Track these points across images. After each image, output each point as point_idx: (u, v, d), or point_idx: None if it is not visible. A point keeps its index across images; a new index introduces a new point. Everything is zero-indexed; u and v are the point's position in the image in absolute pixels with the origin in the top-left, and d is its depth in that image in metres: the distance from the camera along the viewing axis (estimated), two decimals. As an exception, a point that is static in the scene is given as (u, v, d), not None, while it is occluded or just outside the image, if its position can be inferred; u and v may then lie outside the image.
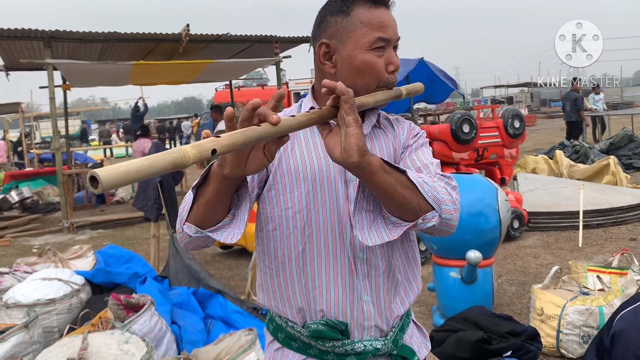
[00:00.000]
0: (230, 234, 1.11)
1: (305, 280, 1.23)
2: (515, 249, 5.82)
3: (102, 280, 4.09)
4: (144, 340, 2.88)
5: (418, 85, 1.35)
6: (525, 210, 6.36)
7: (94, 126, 34.46)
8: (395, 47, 1.27)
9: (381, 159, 1.07)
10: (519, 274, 4.95)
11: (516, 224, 6.13)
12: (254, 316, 3.86)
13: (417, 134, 1.33)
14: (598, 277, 3.59)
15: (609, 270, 3.85)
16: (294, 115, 1.01)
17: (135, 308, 3.32)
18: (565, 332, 3.21)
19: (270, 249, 1.26)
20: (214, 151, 0.85)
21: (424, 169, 1.22)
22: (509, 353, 2.39)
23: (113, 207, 10.23)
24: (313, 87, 1.34)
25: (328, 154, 1.06)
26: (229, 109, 1.05)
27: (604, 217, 6.46)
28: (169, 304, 3.82)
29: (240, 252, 6.45)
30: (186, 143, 27.19)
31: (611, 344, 2.23)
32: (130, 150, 20.71)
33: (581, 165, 8.71)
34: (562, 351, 3.22)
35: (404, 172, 1.09)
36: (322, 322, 1.21)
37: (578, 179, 7.97)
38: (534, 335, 2.68)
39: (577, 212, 6.11)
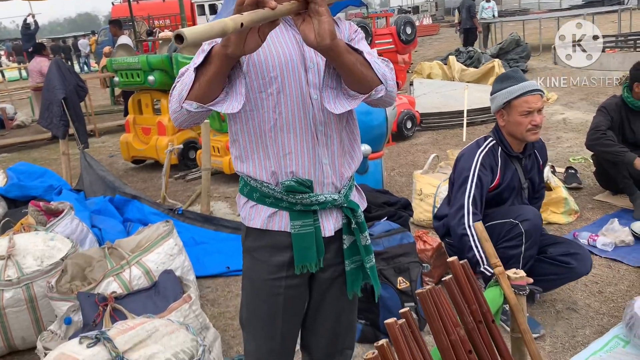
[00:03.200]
0: (230, 106, 1.42)
1: (278, 149, 1.57)
2: (408, 147, 6.44)
3: (17, 194, 4.21)
4: (68, 238, 3.15)
5: None
6: (417, 111, 6.95)
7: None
8: None
9: (345, 42, 1.41)
10: (409, 167, 5.56)
11: (409, 125, 6.71)
12: (171, 216, 4.19)
13: (356, 30, 1.69)
14: (467, 160, 4.19)
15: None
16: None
17: (55, 214, 3.54)
18: (438, 207, 3.81)
19: (249, 127, 1.58)
20: (242, 24, 1.15)
21: (368, 55, 1.56)
22: (384, 218, 2.92)
23: (14, 132, 9.87)
24: None
25: (303, 39, 1.36)
26: None
27: (486, 114, 7.18)
28: (88, 211, 4.05)
29: (152, 166, 6.64)
30: (85, 63, 25.66)
31: (453, 171, 2.91)
32: (24, 73, 19.37)
33: (471, 69, 9.41)
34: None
35: (361, 53, 1.45)
36: (293, 180, 1.58)
37: (468, 82, 8.66)
38: (407, 205, 3.24)
39: (463, 111, 6.77)
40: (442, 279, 1.36)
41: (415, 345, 1.17)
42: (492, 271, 1.55)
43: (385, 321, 1.15)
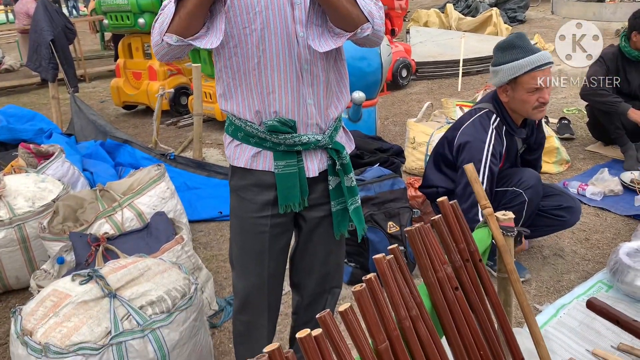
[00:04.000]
0: (209, 42, 1.41)
1: (262, 87, 1.54)
2: (403, 96, 6.39)
3: (6, 137, 4.17)
4: (59, 180, 3.14)
5: None
6: (413, 60, 6.86)
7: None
8: None
9: None
10: (403, 116, 5.53)
11: (404, 73, 6.64)
12: (163, 161, 4.17)
13: None
14: (461, 109, 4.17)
15: (473, 104, 4.45)
16: None
17: (46, 156, 3.51)
18: (426, 163, 3.81)
19: (232, 64, 1.55)
20: None
21: None
22: (377, 165, 2.92)
23: (2, 76, 9.69)
24: None
25: None
26: None
27: (482, 64, 7.10)
28: (79, 154, 4.02)
29: (144, 112, 6.57)
30: (74, 7, 24.92)
31: (457, 153, 2.72)
32: (11, 16, 18.86)
33: (468, 18, 9.24)
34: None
35: None
36: (276, 120, 1.56)
37: (465, 31, 8.52)
38: (399, 152, 3.23)
39: (459, 61, 6.69)
40: (432, 219, 1.38)
41: (403, 280, 1.19)
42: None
43: (374, 256, 1.17)
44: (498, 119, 2.59)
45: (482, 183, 2.47)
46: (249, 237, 1.72)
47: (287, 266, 1.90)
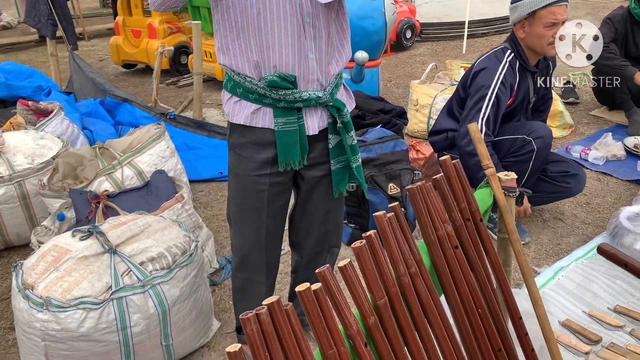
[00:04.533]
0: None
1: (261, 40, 1.50)
2: (406, 58, 6.30)
3: (4, 94, 4.12)
4: (59, 138, 3.12)
5: None
6: (418, 21, 6.73)
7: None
8: None
9: None
10: (406, 78, 5.46)
11: (408, 34, 6.52)
12: (163, 120, 4.14)
13: None
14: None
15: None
16: None
17: (45, 114, 3.48)
18: (433, 117, 3.78)
19: (230, 15, 1.50)
20: None
21: None
22: (379, 126, 2.89)
23: (0, 33, 9.54)
24: None
25: None
26: None
27: (488, 26, 6.99)
28: (78, 113, 3.99)
29: (143, 71, 6.49)
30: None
31: (471, 82, 2.63)
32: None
33: (475, -21, 9.02)
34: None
35: None
36: (276, 75, 1.52)
37: (471, -8, 8.33)
38: (402, 113, 3.20)
39: (464, 22, 6.56)
40: (433, 177, 1.36)
41: (403, 237, 1.18)
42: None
43: (375, 214, 1.16)
44: (513, 54, 2.63)
45: (486, 110, 2.53)
46: (247, 195, 1.71)
47: (287, 226, 1.91)
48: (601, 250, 1.64)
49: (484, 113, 2.52)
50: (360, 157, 1.73)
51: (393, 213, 1.20)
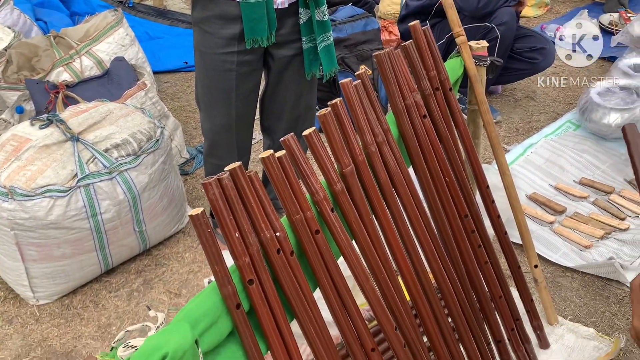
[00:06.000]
0: None
1: None
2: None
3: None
4: (9, 28, 2.93)
5: None
6: None
7: None
8: None
9: None
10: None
11: None
12: (121, 9, 3.90)
13: None
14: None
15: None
16: None
17: (-9, 3, 3.24)
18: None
19: None
20: None
21: None
22: (349, 4, 2.75)
23: None
24: None
25: None
26: None
27: None
28: (30, 3, 3.72)
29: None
30: None
31: None
32: None
33: None
34: None
35: None
36: None
37: None
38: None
39: None
40: (402, 44, 1.31)
41: (370, 105, 1.15)
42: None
43: (341, 81, 1.11)
44: None
45: None
46: (215, 75, 1.65)
47: (258, 111, 1.86)
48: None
49: None
50: (331, 35, 1.66)
51: (359, 80, 1.16)
